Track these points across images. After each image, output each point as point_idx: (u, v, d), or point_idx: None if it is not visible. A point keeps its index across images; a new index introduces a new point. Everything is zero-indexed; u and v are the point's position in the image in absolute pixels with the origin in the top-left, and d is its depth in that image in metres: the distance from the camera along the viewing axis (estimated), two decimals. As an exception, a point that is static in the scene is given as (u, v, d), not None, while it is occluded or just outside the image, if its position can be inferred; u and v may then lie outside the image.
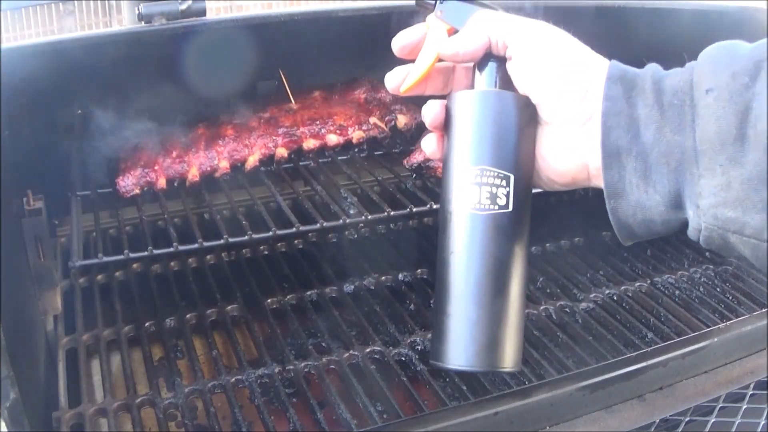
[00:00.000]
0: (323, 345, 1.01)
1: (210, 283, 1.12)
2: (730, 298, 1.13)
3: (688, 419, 0.84)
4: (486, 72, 0.57)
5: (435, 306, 0.57)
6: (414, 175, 1.10)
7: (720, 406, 0.87)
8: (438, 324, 0.56)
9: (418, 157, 1.07)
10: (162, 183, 1.02)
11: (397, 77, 0.59)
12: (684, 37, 0.49)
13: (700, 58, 0.49)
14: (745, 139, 0.45)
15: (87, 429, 0.83)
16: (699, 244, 0.50)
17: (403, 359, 0.98)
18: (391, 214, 0.98)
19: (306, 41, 1.08)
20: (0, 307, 0.68)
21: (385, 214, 0.98)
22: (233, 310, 1.07)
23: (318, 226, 0.95)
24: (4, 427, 0.68)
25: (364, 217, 0.98)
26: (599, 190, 0.52)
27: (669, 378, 0.87)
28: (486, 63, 0.56)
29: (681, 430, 0.84)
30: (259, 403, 0.87)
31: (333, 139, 1.11)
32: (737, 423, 0.88)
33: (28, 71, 0.83)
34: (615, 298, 1.13)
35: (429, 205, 0.98)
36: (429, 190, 1.06)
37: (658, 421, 0.82)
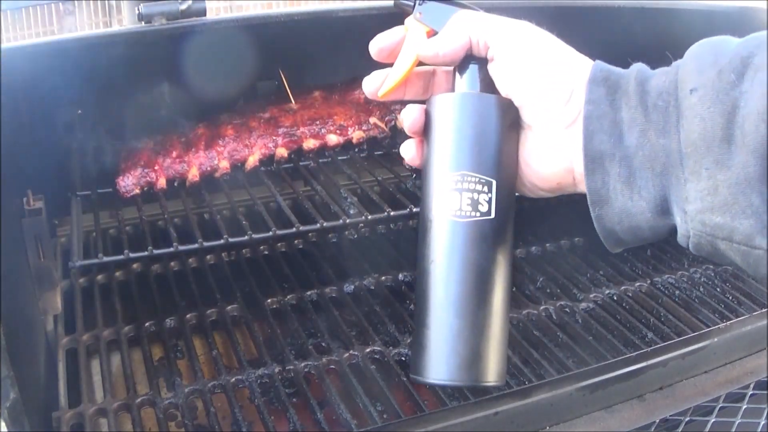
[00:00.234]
0: (323, 345, 1.01)
1: (210, 283, 1.12)
2: (730, 298, 1.13)
3: (688, 419, 0.84)
4: (467, 74, 0.54)
5: (415, 318, 0.55)
6: (414, 175, 1.10)
7: (720, 406, 0.87)
8: (417, 336, 0.54)
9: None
10: (162, 183, 1.02)
11: (375, 81, 0.57)
12: (684, 37, 0.48)
13: (685, 55, 0.47)
14: (732, 141, 0.42)
15: (87, 429, 0.83)
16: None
17: (403, 359, 0.98)
18: (391, 214, 0.98)
19: (306, 41, 1.08)
20: (0, 307, 0.68)
21: (385, 214, 0.98)
22: (233, 310, 1.07)
23: (318, 226, 0.95)
24: (4, 427, 0.68)
25: (364, 217, 0.98)
26: None
27: (669, 378, 0.87)
28: (467, 65, 0.54)
29: (681, 430, 0.84)
30: (259, 403, 0.87)
31: (333, 139, 1.11)
32: (737, 423, 0.88)
33: (28, 71, 0.83)
34: (615, 298, 1.13)
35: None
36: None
37: (658, 421, 0.82)
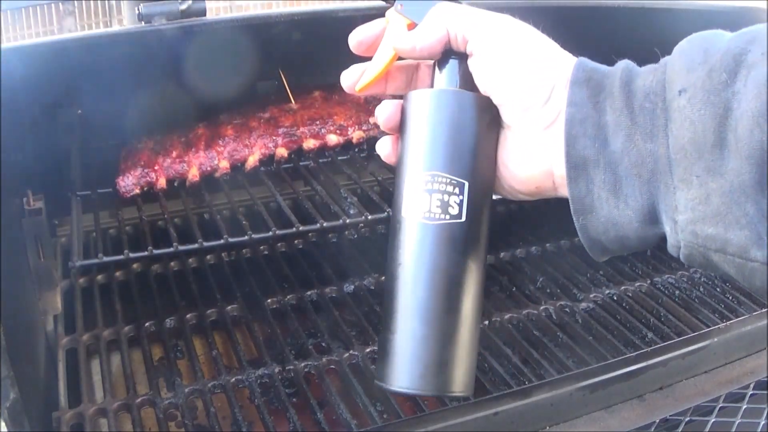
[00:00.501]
0: (323, 345, 1.01)
1: (210, 283, 1.12)
2: (730, 298, 1.12)
3: (688, 419, 0.84)
4: (446, 70, 0.52)
5: (381, 323, 0.52)
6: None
7: (720, 406, 0.87)
8: (383, 342, 0.51)
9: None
10: (162, 183, 1.02)
11: (353, 75, 0.54)
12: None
13: (673, 52, 0.44)
14: (725, 146, 0.39)
15: (87, 429, 0.83)
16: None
17: (403, 359, 0.98)
18: (391, 214, 0.98)
19: (306, 41, 1.08)
20: (0, 307, 0.68)
21: (385, 214, 0.98)
22: (233, 310, 1.07)
23: (318, 226, 0.95)
24: (4, 427, 0.68)
25: (364, 217, 0.98)
26: None
27: (669, 378, 0.87)
28: (446, 60, 0.52)
29: (681, 430, 0.84)
30: (259, 403, 0.87)
31: (333, 139, 1.11)
32: (737, 423, 0.88)
33: (28, 71, 0.83)
34: (615, 298, 1.13)
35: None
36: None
37: (658, 421, 0.82)
